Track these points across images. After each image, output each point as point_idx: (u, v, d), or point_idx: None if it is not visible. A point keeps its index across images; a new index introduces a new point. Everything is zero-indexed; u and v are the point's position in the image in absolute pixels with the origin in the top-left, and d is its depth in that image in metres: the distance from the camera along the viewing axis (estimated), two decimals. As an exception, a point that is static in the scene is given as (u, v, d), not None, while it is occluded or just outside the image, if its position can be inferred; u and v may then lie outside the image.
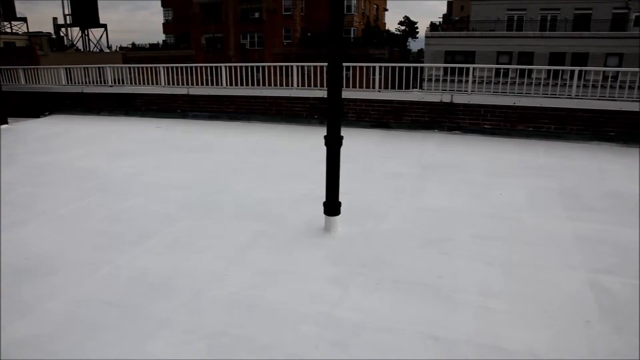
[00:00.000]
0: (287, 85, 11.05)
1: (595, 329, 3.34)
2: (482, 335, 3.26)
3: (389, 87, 10.16)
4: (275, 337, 3.25)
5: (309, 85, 10.77)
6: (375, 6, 54.79)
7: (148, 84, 12.32)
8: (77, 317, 3.49)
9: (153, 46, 52.67)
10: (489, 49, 35.96)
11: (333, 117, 4.54)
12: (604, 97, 9.39)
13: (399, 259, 4.34)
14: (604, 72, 11.81)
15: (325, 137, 4.62)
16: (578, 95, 9.01)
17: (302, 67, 10.82)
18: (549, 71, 9.94)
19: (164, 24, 53.38)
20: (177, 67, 12.05)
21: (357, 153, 7.95)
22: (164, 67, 12.10)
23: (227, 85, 11.45)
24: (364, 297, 3.74)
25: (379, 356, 3.07)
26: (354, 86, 10.56)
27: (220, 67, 11.46)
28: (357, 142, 8.71)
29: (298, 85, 10.82)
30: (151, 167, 7.54)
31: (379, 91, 10.10)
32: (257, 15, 45.76)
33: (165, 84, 12.14)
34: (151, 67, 12.25)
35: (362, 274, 4.08)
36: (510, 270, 4.12)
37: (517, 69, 10.70)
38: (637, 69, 9.00)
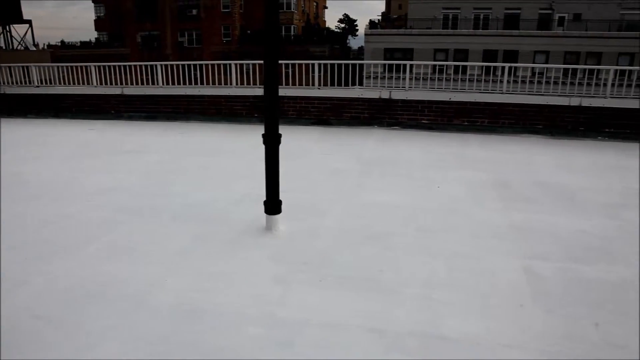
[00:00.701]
0: (226, 83, 10.87)
1: (528, 312, 3.49)
2: (425, 326, 3.32)
3: (329, 84, 10.22)
4: (218, 341, 3.16)
5: (249, 83, 10.65)
6: (315, 4, 55.01)
7: (79, 83, 11.73)
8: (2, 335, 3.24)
9: (85, 44, 50.19)
10: (427, 46, 37.04)
11: (271, 114, 4.49)
12: (532, 92, 9.90)
13: (342, 255, 4.35)
14: (532, 68, 12.43)
15: (263, 135, 4.56)
16: (509, 91, 9.45)
17: (241, 65, 10.68)
18: (483, 67, 10.35)
19: (95, 20, 51.03)
20: (110, 66, 11.54)
21: (298, 150, 7.93)
22: (95, 66, 11.57)
23: (163, 84, 11.11)
24: (307, 294, 3.72)
25: (325, 352, 3.06)
26: (294, 84, 10.53)
27: (156, 65, 11.10)
28: (297, 140, 8.70)
29: (237, 84, 10.66)
30: (84, 170, 7.18)
31: (319, 88, 10.14)
32: (194, 12, 44.71)
33: (97, 84, 11.60)
34: (82, 66, 11.66)
35: (305, 271, 4.06)
36: (450, 261, 4.23)
37: (452, 65, 11.08)
38: (562, 65, 9.54)
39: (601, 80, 9.64)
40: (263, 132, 4.59)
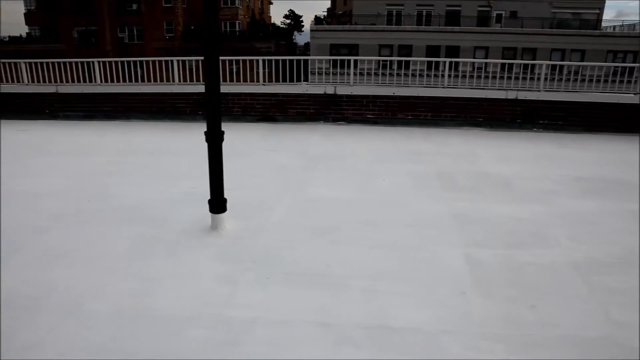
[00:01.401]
0: (168, 81, 10.57)
1: (470, 298, 3.61)
2: (371, 317, 3.38)
3: (274, 81, 10.17)
4: (161, 346, 3.08)
5: (192, 80, 10.41)
6: (259, -1, 54.53)
7: (7, 81, 11.05)
8: None
9: (15, 39, 47.28)
10: (372, 42, 37.52)
11: (212, 112, 4.42)
12: (472, 86, 10.26)
13: (289, 251, 4.35)
14: (473, 63, 12.88)
15: (205, 132, 4.47)
16: (450, 85, 9.74)
17: (184, 61, 10.41)
18: (425, 62, 10.59)
19: (25, 14, 48.16)
20: (43, 63, 10.91)
21: (243, 148, 7.85)
22: (25, 63, 10.92)
23: (102, 82, 10.66)
24: (254, 292, 3.69)
25: (273, 350, 3.04)
26: (239, 80, 10.39)
27: (93, 62, 10.63)
28: (243, 137, 8.60)
29: (180, 81, 10.40)
30: (16, 174, 6.78)
31: (264, 84, 10.06)
32: (134, 7, 43.13)
33: (29, 82, 10.98)
34: (10, 63, 10.98)
35: (252, 269, 4.02)
36: (395, 253, 4.31)
37: (396, 60, 11.25)
38: (500, 60, 9.93)
39: (535, 75, 10.11)
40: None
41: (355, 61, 9.88)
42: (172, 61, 10.32)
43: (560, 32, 39.06)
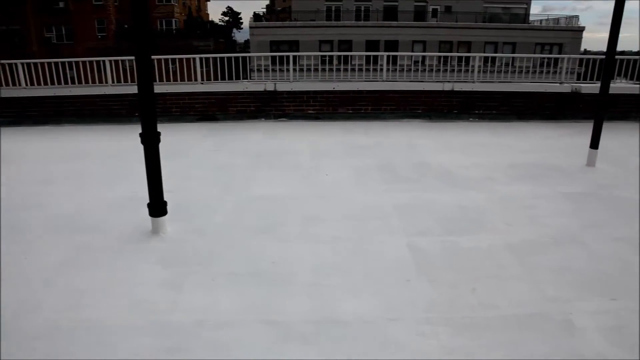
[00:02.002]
0: (101, 82, 10.12)
1: (414, 285, 3.70)
2: (318, 312, 3.38)
3: (212, 79, 9.98)
4: (101, 357, 2.94)
5: (126, 81, 10.01)
6: (196, -4, 53.34)
7: None
8: None
9: None
10: (312, 37, 37.60)
11: (147, 112, 4.27)
12: (410, 79, 10.51)
13: (234, 251, 4.28)
14: (411, 57, 13.17)
15: (140, 134, 4.31)
16: (389, 79, 9.92)
17: (117, 61, 10.00)
18: (364, 57, 10.71)
19: (-63, 13, 44.60)
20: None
21: (183, 148, 7.66)
22: None
23: (27, 85, 10.05)
24: (200, 295, 3.61)
25: (221, 352, 2.98)
26: (176, 79, 10.13)
27: (16, 64, 9.99)
28: (183, 137, 8.40)
29: (114, 82, 9.98)
30: None
31: (202, 83, 9.85)
32: (61, 4, 40.93)
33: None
34: None
35: (197, 272, 3.93)
36: (341, 246, 4.34)
37: (335, 55, 11.35)
38: (436, 53, 10.21)
39: (469, 67, 10.49)
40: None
41: (295, 57, 9.87)
42: (104, 61, 9.89)
43: (492, 26, 40.78)
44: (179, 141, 8.13)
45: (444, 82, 10.03)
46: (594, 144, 6.83)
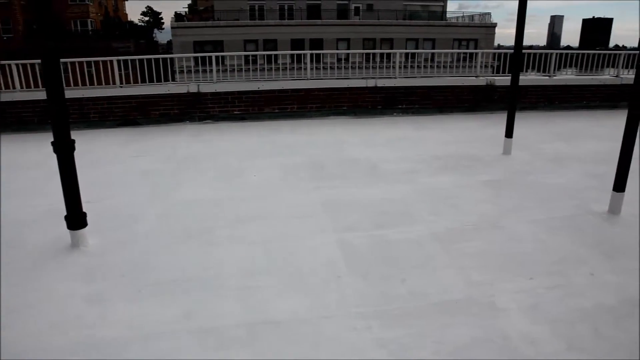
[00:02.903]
0: (7, 87, 9.37)
1: (345, 281, 3.74)
2: (252, 314, 3.34)
3: (132, 82, 9.56)
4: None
5: (37, 86, 9.34)
6: (112, -4, 50.95)
7: None
8: None
9: None
10: (236, 37, 37.13)
11: (58, 119, 4.02)
12: (334, 76, 10.63)
13: (161, 259, 4.13)
14: (335, 54, 13.31)
15: (52, 143, 4.04)
16: (313, 77, 9.98)
17: (25, 64, 9.31)
18: (290, 56, 10.69)
19: None
20: None
21: (104, 155, 7.30)
22: None
23: None
24: (127, 308, 3.44)
25: (151, 366, 2.87)
26: (93, 83, 9.60)
27: None
28: (103, 144, 8.00)
29: (23, 87, 9.30)
30: None
31: (121, 87, 9.42)
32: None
33: None
34: None
35: (122, 284, 3.75)
36: (271, 246, 4.31)
37: (258, 55, 11.24)
38: (359, 50, 10.40)
39: (391, 63, 10.77)
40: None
41: (217, 57, 9.67)
42: (9, 65, 9.17)
43: (412, 23, 42.21)
44: (98, 148, 7.72)
45: (367, 78, 10.23)
46: (509, 133, 7.24)
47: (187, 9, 51.21)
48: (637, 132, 4.81)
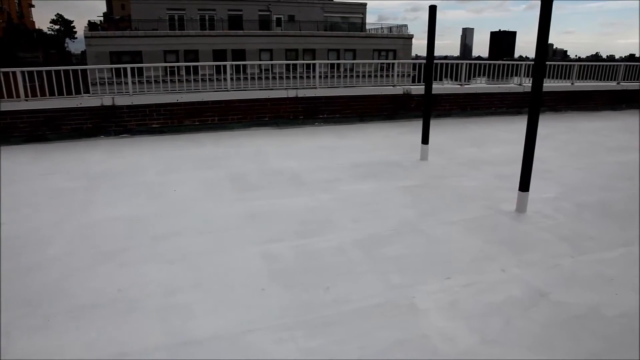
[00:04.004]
0: None
1: (269, 293, 3.71)
2: (172, 335, 3.21)
3: (39, 95, 8.96)
4: None
5: None
6: (16, 1, 47.61)
7: None
8: None
9: None
10: (156, 48, 36.03)
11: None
12: (255, 87, 10.58)
13: (72, 284, 3.87)
14: (258, 65, 13.25)
15: (-59, 162, 3.69)
16: (234, 88, 9.88)
17: None
18: (214, 67, 10.48)
19: None
20: None
21: (9, 175, 6.78)
22: None
23: None
24: (33, 340, 3.18)
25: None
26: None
27: None
28: (7, 163, 7.43)
29: None
30: None
31: (27, 100, 8.80)
32: None
33: None
34: None
35: (27, 315, 3.47)
36: (192, 263, 4.19)
37: (176, 66, 10.96)
38: (279, 61, 10.43)
39: (311, 74, 10.91)
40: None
41: (134, 69, 9.31)
42: None
43: (333, 34, 43.14)
44: (2, 167, 7.16)
45: (288, 89, 10.30)
46: (425, 139, 7.57)
47: (102, 18, 49.00)
48: (537, 135, 5.21)
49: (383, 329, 3.29)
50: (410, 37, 44.37)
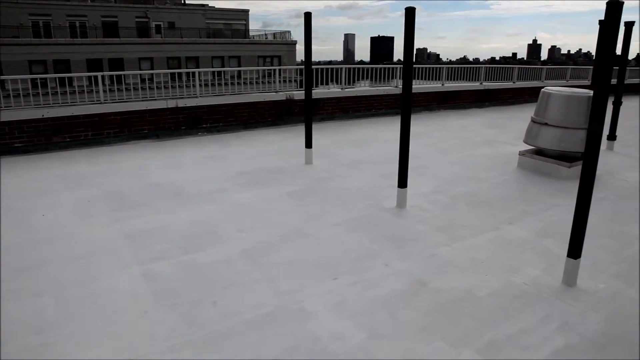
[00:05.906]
0: None
1: (153, 315, 3.51)
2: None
3: None
4: None
5: None
6: None
7: None
8: None
9: None
10: (19, 57, 32.80)
11: None
12: (132, 98, 10.03)
13: None
14: (137, 75, 12.56)
15: None
16: (107, 100, 9.26)
17: None
18: (89, 78, 9.65)
19: None
20: None
21: None
22: None
23: None
24: None
25: None
26: None
27: None
28: None
29: None
30: None
31: None
32: None
33: None
34: None
35: None
36: (65, 293, 3.81)
37: (46, 77, 9.96)
38: (162, 71, 9.98)
39: (192, 82, 10.60)
40: None
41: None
42: None
43: (217, 41, 42.48)
44: None
45: (167, 99, 9.89)
46: (308, 143, 7.70)
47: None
48: (410, 134, 5.54)
49: (274, 337, 3.27)
50: (294, 42, 45.11)
